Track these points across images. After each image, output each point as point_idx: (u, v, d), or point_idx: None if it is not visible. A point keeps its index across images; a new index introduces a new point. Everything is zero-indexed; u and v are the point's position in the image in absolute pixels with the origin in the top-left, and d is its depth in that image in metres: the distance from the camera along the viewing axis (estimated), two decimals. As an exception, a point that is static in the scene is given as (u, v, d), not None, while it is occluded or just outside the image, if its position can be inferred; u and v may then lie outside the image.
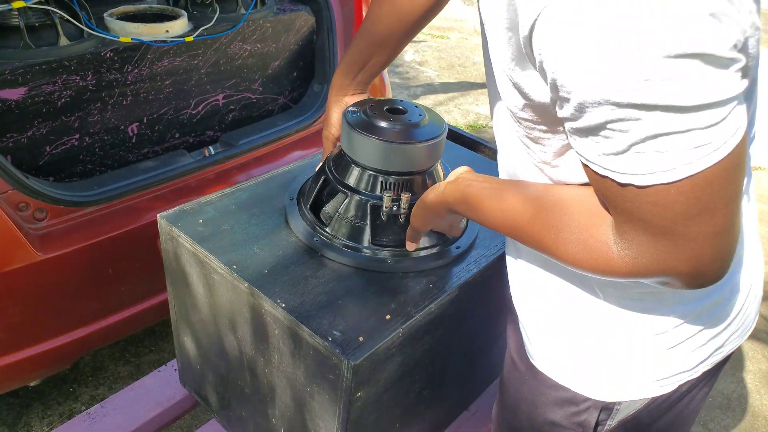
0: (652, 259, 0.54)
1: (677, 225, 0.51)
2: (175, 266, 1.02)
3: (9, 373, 1.41)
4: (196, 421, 1.70)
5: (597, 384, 0.76)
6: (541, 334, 0.80)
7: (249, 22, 1.77)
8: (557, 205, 0.63)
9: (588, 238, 0.59)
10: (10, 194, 1.29)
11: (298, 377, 0.84)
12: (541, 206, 0.64)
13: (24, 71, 1.33)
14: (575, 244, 0.60)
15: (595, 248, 0.58)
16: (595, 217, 0.59)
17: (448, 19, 6.13)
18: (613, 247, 0.56)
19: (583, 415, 0.79)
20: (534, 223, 0.64)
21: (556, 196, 0.64)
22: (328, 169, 0.98)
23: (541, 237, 0.63)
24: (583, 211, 0.60)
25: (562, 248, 0.61)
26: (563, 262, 0.63)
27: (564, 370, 0.79)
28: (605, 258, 0.57)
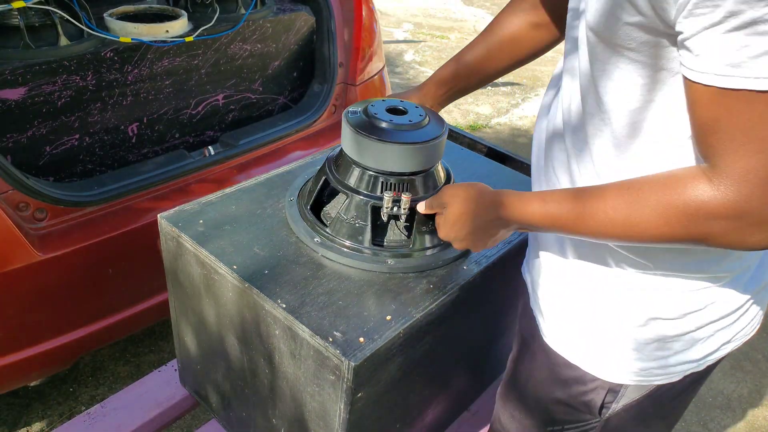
0: (758, 185, 0.54)
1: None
2: (175, 266, 1.02)
3: (9, 373, 1.41)
4: (196, 421, 1.70)
5: (607, 365, 0.78)
6: (556, 312, 0.82)
7: (249, 22, 1.77)
8: (642, 189, 0.63)
9: (682, 202, 0.59)
10: (10, 194, 1.29)
11: (298, 378, 0.84)
12: (631, 196, 0.64)
13: (24, 71, 1.33)
14: (673, 216, 0.60)
15: (691, 206, 0.58)
16: (677, 183, 0.60)
17: (448, 19, 6.14)
18: (710, 193, 0.57)
19: (589, 395, 0.81)
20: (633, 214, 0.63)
21: (637, 185, 0.64)
22: (329, 170, 0.98)
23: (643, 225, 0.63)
24: (663, 182, 0.61)
25: (664, 226, 0.61)
26: (666, 239, 0.62)
27: (575, 349, 0.80)
28: (705, 209, 0.57)
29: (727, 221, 0.57)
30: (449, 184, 0.92)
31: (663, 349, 0.76)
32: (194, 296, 1.00)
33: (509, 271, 1.03)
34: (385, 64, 2.17)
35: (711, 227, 0.58)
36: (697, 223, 0.59)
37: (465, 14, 6.41)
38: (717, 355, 0.79)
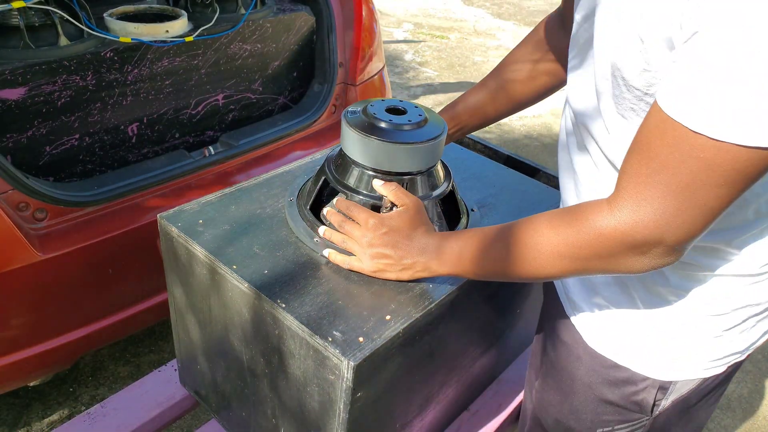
0: (652, 219, 0.58)
1: (703, 189, 0.55)
2: (175, 266, 1.02)
3: (9, 373, 1.41)
4: (196, 421, 1.70)
5: (656, 363, 0.79)
6: (598, 316, 0.83)
7: (249, 22, 1.77)
8: (533, 233, 0.70)
9: (583, 235, 0.65)
10: (10, 194, 1.29)
11: (298, 377, 0.84)
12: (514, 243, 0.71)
13: (24, 71, 1.33)
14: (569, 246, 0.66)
15: (590, 237, 0.64)
16: (573, 217, 0.66)
17: (448, 19, 6.14)
18: (605, 219, 0.62)
19: (641, 394, 0.82)
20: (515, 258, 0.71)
21: (528, 228, 0.72)
22: (328, 170, 0.98)
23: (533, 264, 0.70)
24: (555, 220, 0.68)
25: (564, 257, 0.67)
26: (570, 273, 0.69)
27: (623, 351, 0.81)
28: (597, 234, 0.63)
29: (622, 246, 0.62)
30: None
31: (709, 344, 0.77)
32: (194, 296, 1.00)
33: (509, 271, 1.03)
34: (385, 64, 2.17)
35: (612, 254, 0.63)
36: (600, 252, 0.64)
37: (465, 14, 6.41)
38: (759, 342, 0.81)
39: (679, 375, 0.79)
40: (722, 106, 0.50)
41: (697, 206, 0.56)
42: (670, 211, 0.57)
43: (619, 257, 0.63)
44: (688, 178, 0.55)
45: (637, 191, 0.59)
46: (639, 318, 0.79)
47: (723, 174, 0.54)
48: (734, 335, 0.77)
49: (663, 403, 0.82)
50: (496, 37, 5.73)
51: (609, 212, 0.62)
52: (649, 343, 0.79)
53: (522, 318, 1.23)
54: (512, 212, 1.09)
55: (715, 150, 0.52)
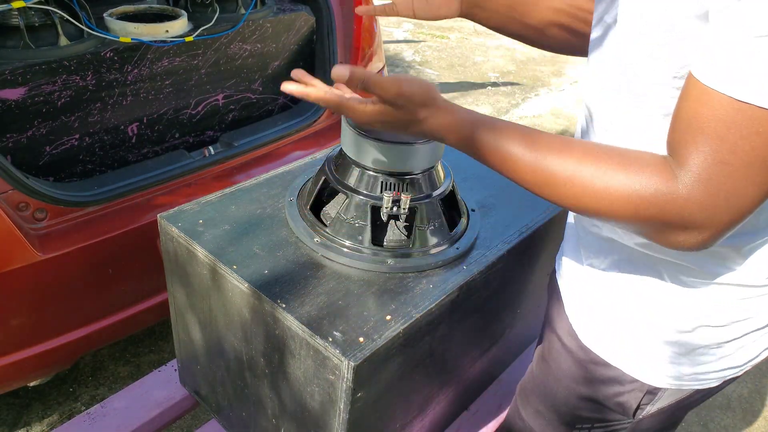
0: (717, 194, 0.55)
1: (763, 167, 0.52)
2: (175, 266, 1.02)
3: (9, 373, 1.41)
4: (196, 421, 1.70)
5: (647, 367, 0.78)
6: (595, 313, 0.81)
7: (249, 22, 1.77)
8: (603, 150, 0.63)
9: (644, 187, 0.58)
10: (10, 194, 1.29)
11: (298, 377, 0.84)
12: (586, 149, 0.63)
13: (24, 71, 1.33)
14: (623, 174, 0.59)
15: (650, 193, 0.58)
16: (644, 168, 0.59)
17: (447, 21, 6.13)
18: (674, 186, 0.56)
19: (625, 395, 0.80)
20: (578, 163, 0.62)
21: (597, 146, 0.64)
22: (328, 170, 0.98)
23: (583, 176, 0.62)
24: (630, 162, 0.60)
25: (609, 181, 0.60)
26: (614, 217, 0.61)
27: (615, 350, 0.80)
28: (663, 200, 0.57)
29: (678, 217, 0.57)
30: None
31: (706, 355, 0.75)
32: (194, 296, 1.00)
33: (509, 271, 1.03)
34: (385, 64, 2.17)
35: (662, 218, 0.58)
36: (650, 211, 0.58)
37: (465, 14, 6.40)
38: (757, 360, 0.78)
39: (668, 382, 0.78)
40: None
41: (757, 184, 0.54)
42: (728, 192, 0.54)
43: (662, 226, 0.59)
44: (749, 155, 0.52)
45: (697, 167, 0.55)
46: (635, 319, 0.77)
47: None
48: (732, 349, 0.75)
49: (648, 408, 0.81)
50: (496, 37, 5.73)
51: (674, 181, 0.57)
52: (643, 347, 0.77)
53: (522, 318, 1.23)
54: (512, 212, 1.09)
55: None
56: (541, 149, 0.64)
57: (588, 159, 0.61)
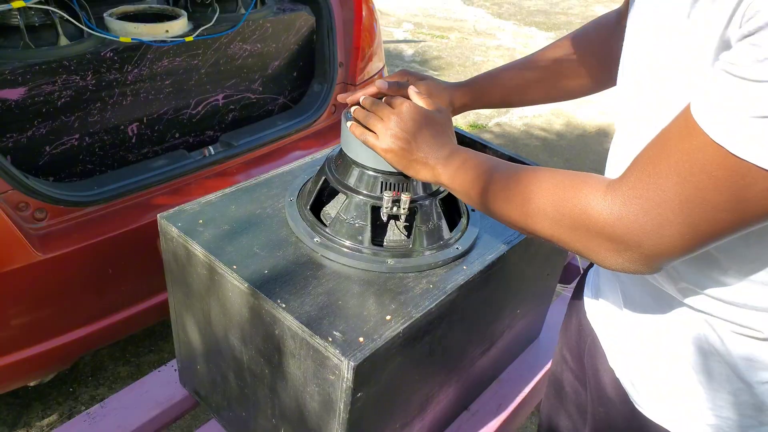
0: (637, 220, 0.55)
1: (702, 208, 0.51)
2: (175, 266, 1.02)
3: (9, 373, 1.41)
4: (196, 421, 1.70)
5: (698, 428, 0.73)
6: (651, 378, 0.77)
7: (249, 22, 1.77)
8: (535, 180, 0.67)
9: (574, 205, 0.61)
10: (10, 194, 1.29)
11: (298, 378, 0.84)
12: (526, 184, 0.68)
13: (24, 71, 1.33)
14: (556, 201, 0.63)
15: (579, 211, 0.61)
16: (579, 186, 0.62)
17: (448, 19, 6.14)
18: (597, 200, 0.59)
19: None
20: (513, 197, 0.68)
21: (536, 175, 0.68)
22: (328, 170, 0.98)
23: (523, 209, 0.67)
24: (557, 178, 0.65)
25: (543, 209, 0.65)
26: (554, 238, 0.65)
27: (671, 416, 0.75)
28: (583, 211, 0.60)
29: (600, 233, 0.59)
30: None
31: (760, 415, 0.70)
32: (194, 296, 1.00)
33: (509, 271, 1.03)
34: (385, 64, 2.17)
35: (589, 236, 0.60)
36: (579, 228, 0.61)
37: (465, 14, 6.41)
38: None
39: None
40: (760, 123, 0.46)
41: (690, 225, 0.53)
42: (659, 219, 0.54)
43: (594, 243, 0.60)
44: (692, 193, 0.51)
45: (636, 187, 0.55)
46: (689, 387, 0.72)
47: (731, 198, 0.49)
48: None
49: None
50: (496, 36, 5.73)
51: (603, 195, 0.58)
52: (696, 412, 0.73)
53: (522, 318, 1.23)
54: (512, 212, 1.09)
55: (730, 168, 0.48)
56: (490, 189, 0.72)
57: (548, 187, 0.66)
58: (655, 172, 0.54)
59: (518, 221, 0.69)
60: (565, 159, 3.47)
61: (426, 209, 0.93)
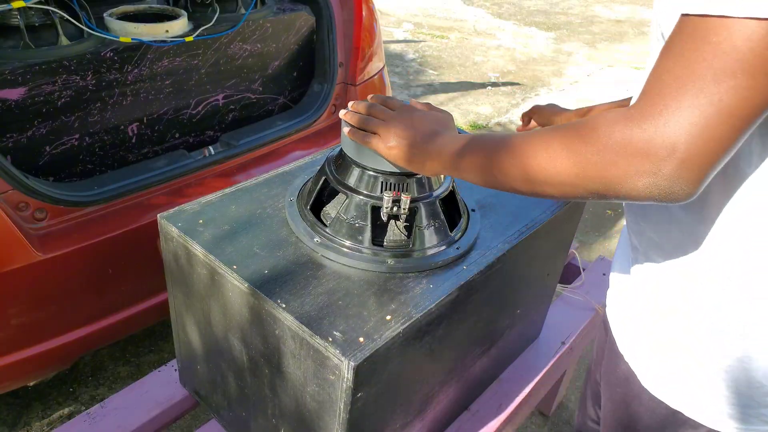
0: (663, 119, 0.52)
1: (715, 80, 0.50)
2: (175, 266, 1.02)
3: (9, 373, 1.41)
4: (196, 421, 1.70)
5: (712, 412, 0.75)
6: (656, 355, 0.79)
7: (249, 22, 1.77)
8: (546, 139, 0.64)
9: (603, 141, 0.57)
10: (10, 194, 1.29)
11: (298, 378, 0.84)
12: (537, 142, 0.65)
13: (24, 71, 1.33)
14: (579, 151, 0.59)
15: (613, 143, 0.56)
16: (585, 130, 0.59)
17: (448, 19, 6.14)
18: (619, 128, 0.55)
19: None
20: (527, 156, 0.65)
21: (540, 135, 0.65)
22: (329, 170, 0.98)
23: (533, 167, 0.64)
24: (566, 132, 0.61)
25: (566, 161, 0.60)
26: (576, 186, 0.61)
27: (679, 395, 0.77)
28: (605, 145, 0.56)
29: (632, 157, 0.55)
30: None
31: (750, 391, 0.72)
32: (194, 296, 1.00)
33: (509, 271, 1.03)
34: (385, 64, 2.17)
35: (628, 166, 0.55)
36: (613, 161, 0.56)
37: (465, 14, 6.41)
38: None
39: (733, 427, 0.75)
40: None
41: (712, 103, 0.50)
42: (682, 111, 0.52)
43: (625, 169, 0.55)
44: (701, 67, 0.51)
45: (651, 96, 0.54)
46: (698, 363, 0.74)
47: (736, 59, 0.49)
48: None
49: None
50: (496, 36, 5.73)
51: (624, 121, 0.55)
52: (706, 391, 0.74)
53: (522, 318, 1.23)
54: (512, 212, 1.09)
55: (723, 30, 0.49)
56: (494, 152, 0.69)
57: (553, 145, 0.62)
58: (661, 71, 0.53)
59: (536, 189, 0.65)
60: (565, 159, 3.47)
61: (426, 209, 0.93)
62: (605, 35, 6.05)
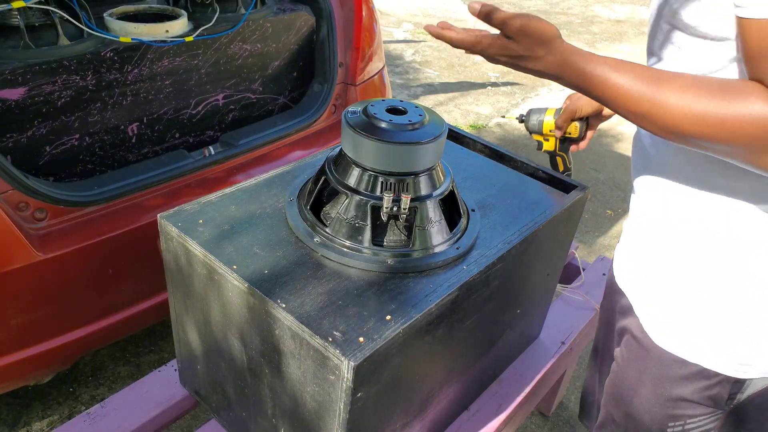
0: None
1: None
2: (175, 266, 1.02)
3: (9, 373, 1.41)
4: (196, 421, 1.70)
5: (727, 359, 0.78)
6: (665, 309, 0.82)
7: (249, 22, 1.77)
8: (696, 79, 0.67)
9: (746, 111, 0.62)
10: (10, 194, 1.29)
11: (298, 378, 0.84)
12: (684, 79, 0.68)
13: (24, 71, 1.33)
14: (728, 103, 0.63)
15: (752, 116, 0.62)
16: (741, 94, 0.63)
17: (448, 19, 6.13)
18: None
19: (714, 389, 0.81)
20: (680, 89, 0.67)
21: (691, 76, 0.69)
22: (329, 170, 0.98)
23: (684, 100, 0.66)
24: (726, 89, 0.65)
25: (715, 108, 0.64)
26: (716, 139, 0.65)
27: (694, 347, 0.80)
28: (753, 117, 0.62)
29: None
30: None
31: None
32: (194, 296, 1.00)
33: (509, 271, 1.03)
34: (385, 64, 2.17)
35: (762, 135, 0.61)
36: (750, 131, 0.62)
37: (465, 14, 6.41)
38: None
39: (751, 372, 0.78)
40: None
41: None
42: None
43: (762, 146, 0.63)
44: None
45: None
46: (710, 315, 0.78)
47: None
48: None
49: (739, 396, 0.81)
50: (496, 37, 5.72)
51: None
52: (720, 340, 0.78)
53: (522, 318, 1.24)
54: (512, 212, 1.09)
55: None
56: (651, 83, 0.69)
57: (696, 89, 0.66)
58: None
59: (666, 125, 0.68)
60: (565, 159, 3.47)
61: (426, 209, 0.93)
62: (605, 35, 6.05)
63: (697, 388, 0.82)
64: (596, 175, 3.22)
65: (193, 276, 0.97)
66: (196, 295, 1.00)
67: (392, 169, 0.91)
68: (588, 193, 1.19)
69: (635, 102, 0.69)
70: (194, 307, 1.02)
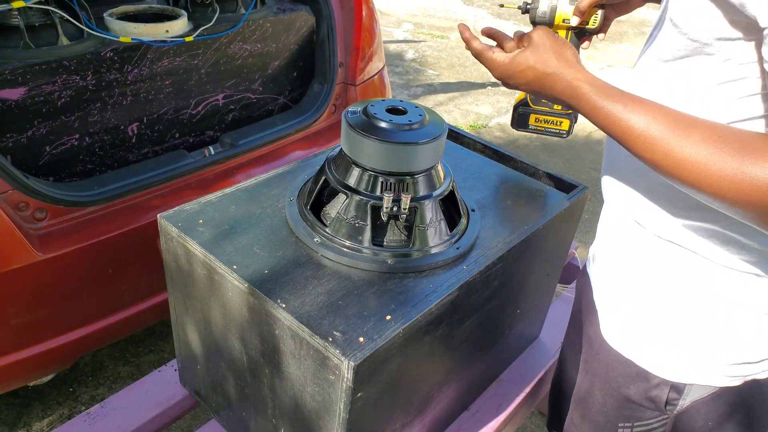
0: None
1: None
2: (175, 266, 1.02)
3: (9, 373, 1.41)
4: (196, 421, 1.70)
5: (667, 363, 0.80)
6: (617, 309, 0.84)
7: (249, 22, 1.77)
8: (714, 126, 0.63)
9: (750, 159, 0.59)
10: (10, 194, 1.29)
11: (298, 378, 0.84)
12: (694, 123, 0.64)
13: (24, 71, 1.33)
14: (731, 163, 0.60)
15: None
16: (750, 147, 0.60)
17: (448, 19, 6.14)
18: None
19: (654, 391, 0.83)
20: (686, 137, 0.64)
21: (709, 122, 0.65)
22: (329, 170, 0.98)
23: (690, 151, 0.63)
24: (742, 137, 0.61)
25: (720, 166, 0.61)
26: (729, 201, 0.62)
27: (635, 347, 0.83)
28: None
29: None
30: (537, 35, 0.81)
31: (724, 353, 0.77)
32: (194, 296, 1.00)
33: (509, 271, 1.03)
34: (385, 64, 2.17)
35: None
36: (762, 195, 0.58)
37: (465, 14, 6.41)
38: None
39: (690, 378, 0.79)
40: None
41: None
42: None
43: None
44: None
45: None
46: (656, 318, 0.80)
47: None
48: (751, 347, 0.76)
49: (681, 402, 0.82)
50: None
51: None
52: (662, 344, 0.80)
53: (522, 318, 1.24)
54: (512, 212, 1.09)
55: None
56: (668, 130, 0.65)
57: (714, 145, 0.62)
58: None
59: (682, 176, 0.65)
60: (565, 159, 3.47)
61: (426, 209, 0.94)
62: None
63: (639, 389, 0.84)
64: (596, 175, 3.22)
65: (193, 276, 0.97)
66: (196, 295, 1.00)
67: (392, 169, 0.91)
68: (588, 193, 1.19)
69: (649, 149, 0.66)
70: (194, 307, 1.02)
